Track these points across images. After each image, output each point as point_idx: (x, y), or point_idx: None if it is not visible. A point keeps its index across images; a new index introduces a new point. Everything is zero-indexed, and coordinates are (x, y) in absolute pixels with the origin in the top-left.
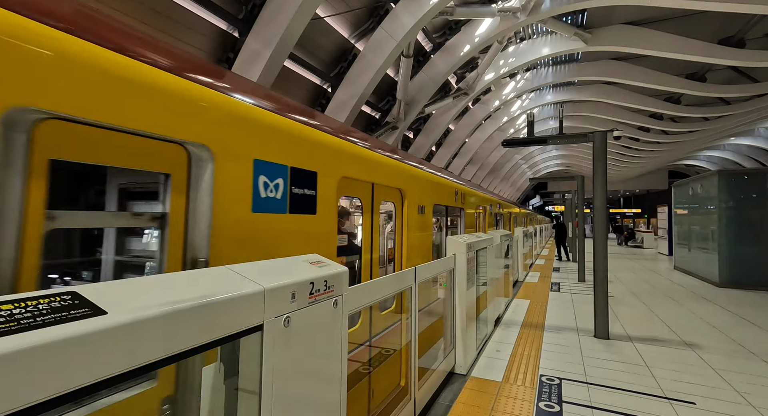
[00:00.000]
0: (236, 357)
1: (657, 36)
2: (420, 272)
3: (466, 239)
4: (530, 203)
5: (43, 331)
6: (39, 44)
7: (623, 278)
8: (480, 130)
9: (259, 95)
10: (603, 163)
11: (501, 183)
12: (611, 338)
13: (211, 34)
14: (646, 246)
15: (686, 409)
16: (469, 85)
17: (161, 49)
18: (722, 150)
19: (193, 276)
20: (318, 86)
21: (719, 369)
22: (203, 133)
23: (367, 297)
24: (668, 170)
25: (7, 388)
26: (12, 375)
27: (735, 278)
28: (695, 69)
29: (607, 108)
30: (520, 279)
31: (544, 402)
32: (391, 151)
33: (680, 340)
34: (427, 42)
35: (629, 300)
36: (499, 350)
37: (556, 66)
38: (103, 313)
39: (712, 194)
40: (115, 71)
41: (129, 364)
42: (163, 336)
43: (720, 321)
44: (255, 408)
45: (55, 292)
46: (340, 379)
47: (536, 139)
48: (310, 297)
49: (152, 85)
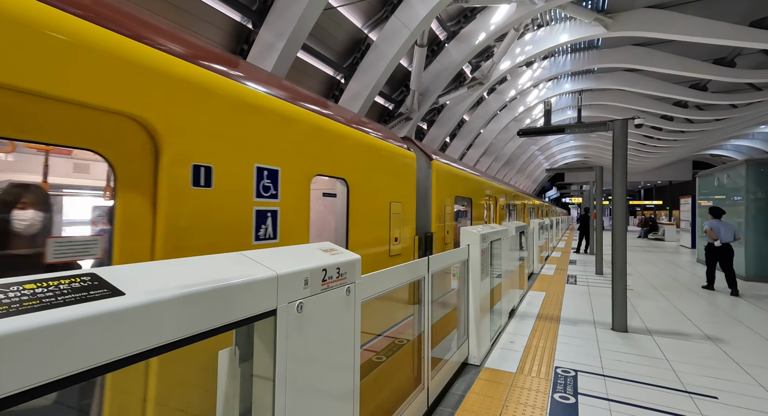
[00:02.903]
0: (251, 341)
1: (683, 19)
2: (433, 262)
3: (480, 230)
4: (546, 195)
5: (65, 309)
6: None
7: (643, 271)
8: (495, 120)
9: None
10: (623, 152)
11: (516, 174)
12: (629, 331)
13: (225, 26)
14: (668, 239)
15: (708, 404)
16: (484, 74)
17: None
18: (751, 139)
19: (208, 261)
20: (331, 77)
21: (744, 364)
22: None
23: (380, 286)
24: (692, 160)
25: (30, 363)
26: (35, 351)
27: (763, 271)
28: (724, 53)
29: (629, 96)
30: (535, 271)
31: (559, 394)
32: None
33: (702, 334)
34: (441, 31)
35: (649, 293)
36: (514, 341)
37: (574, 53)
38: (122, 294)
39: (740, 184)
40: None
41: (145, 344)
42: (178, 318)
43: (746, 316)
44: (269, 392)
45: (76, 273)
46: (353, 366)
47: (553, 128)
48: (323, 283)
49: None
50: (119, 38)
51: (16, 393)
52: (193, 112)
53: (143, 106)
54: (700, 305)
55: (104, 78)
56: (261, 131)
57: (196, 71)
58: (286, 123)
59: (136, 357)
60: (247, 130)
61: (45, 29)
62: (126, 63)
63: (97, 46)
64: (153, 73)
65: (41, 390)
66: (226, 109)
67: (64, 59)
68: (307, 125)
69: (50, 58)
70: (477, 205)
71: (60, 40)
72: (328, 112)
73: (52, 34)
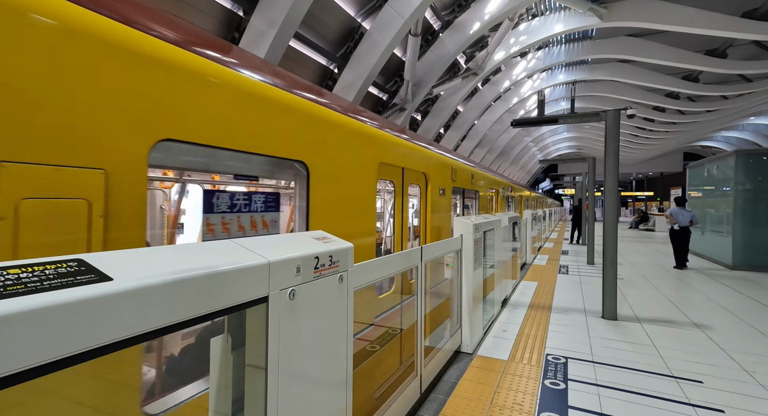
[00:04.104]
0: (243, 329)
1: (676, 9)
2: (426, 251)
3: (473, 220)
4: (540, 187)
5: (50, 294)
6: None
7: (633, 261)
8: (489, 111)
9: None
10: (615, 142)
11: (510, 166)
12: (619, 319)
13: (216, 14)
14: (658, 230)
15: (693, 387)
16: (478, 64)
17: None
18: (741, 130)
19: (199, 248)
20: (324, 67)
21: (728, 350)
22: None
23: (373, 274)
24: (683, 152)
25: (13, 348)
26: (18, 336)
27: (749, 260)
28: (716, 44)
29: (621, 87)
30: (528, 261)
31: (550, 380)
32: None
33: (690, 321)
34: (435, 20)
35: (639, 283)
36: (506, 330)
37: (569, 44)
38: (109, 280)
39: (729, 175)
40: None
41: (134, 330)
42: (168, 304)
43: (731, 303)
44: (261, 379)
45: (62, 259)
46: (345, 354)
47: (547, 118)
48: (315, 271)
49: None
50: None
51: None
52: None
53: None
54: (688, 293)
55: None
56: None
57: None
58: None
59: (125, 342)
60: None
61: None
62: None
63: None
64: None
65: (24, 376)
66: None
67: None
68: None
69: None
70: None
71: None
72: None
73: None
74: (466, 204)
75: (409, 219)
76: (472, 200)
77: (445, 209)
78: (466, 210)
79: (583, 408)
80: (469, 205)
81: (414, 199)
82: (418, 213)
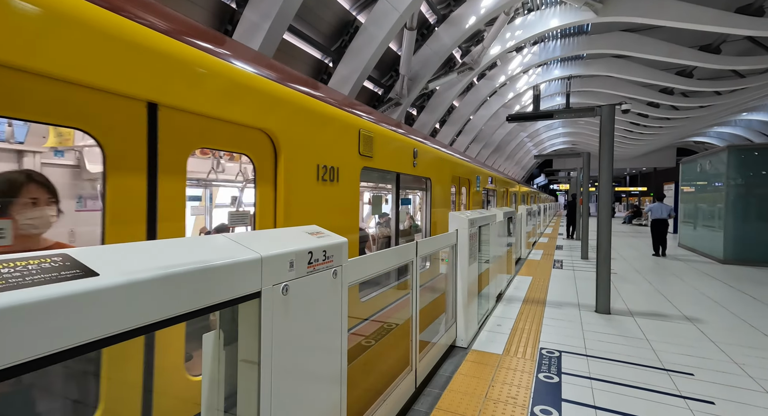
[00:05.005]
0: (235, 324)
1: (671, 5)
2: (421, 246)
3: (468, 215)
4: (535, 182)
5: (33, 290)
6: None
7: (627, 255)
8: (485, 106)
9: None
10: (610, 137)
11: (506, 161)
12: (612, 313)
13: (209, 5)
14: None
15: (684, 380)
16: (474, 59)
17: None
18: (733, 126)
19: (190, 242)
20: (319, 61)
21: (719, 343)
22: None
23: (367, 269)
24: (676, 147)
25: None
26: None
27: (739, 254)
28: (710, 40)
29: (616, 83)
30: (523, 256)
31: (544, 374)
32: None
33: (681, 315)
34: (431, 14)
35: (632, 277)
36: (501, 324)
37: (564, 39)
38: (95, 275)
39: (721, 170)
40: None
41: (122, 326)
42: (157, 299)
43: (722, 297)
44: (254, 375)
45: (46, 254)
46: (340, 349)
47: (542, 113)
48: (309, 266)
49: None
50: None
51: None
52: None
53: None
54: (680, 287)
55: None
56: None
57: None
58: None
59: (112, 339)
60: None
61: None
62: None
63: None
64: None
65: (4, 374)
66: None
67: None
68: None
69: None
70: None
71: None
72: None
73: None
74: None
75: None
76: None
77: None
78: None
79: (577, 401)
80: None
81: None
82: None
